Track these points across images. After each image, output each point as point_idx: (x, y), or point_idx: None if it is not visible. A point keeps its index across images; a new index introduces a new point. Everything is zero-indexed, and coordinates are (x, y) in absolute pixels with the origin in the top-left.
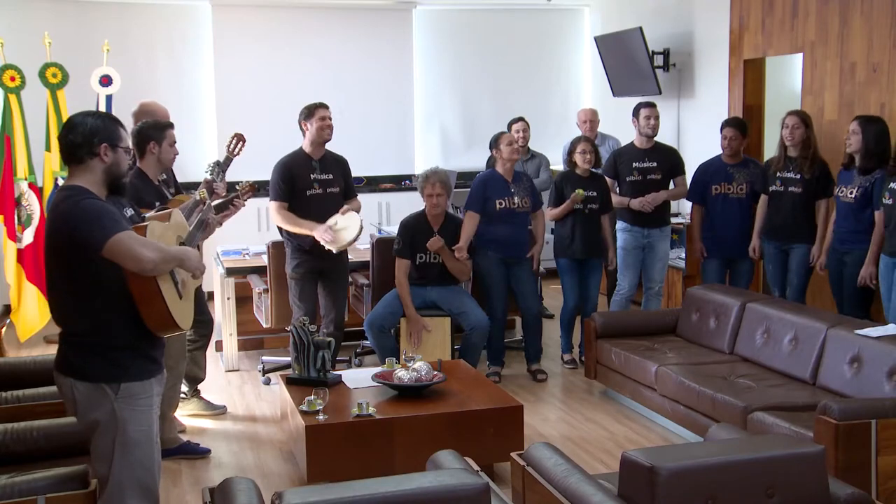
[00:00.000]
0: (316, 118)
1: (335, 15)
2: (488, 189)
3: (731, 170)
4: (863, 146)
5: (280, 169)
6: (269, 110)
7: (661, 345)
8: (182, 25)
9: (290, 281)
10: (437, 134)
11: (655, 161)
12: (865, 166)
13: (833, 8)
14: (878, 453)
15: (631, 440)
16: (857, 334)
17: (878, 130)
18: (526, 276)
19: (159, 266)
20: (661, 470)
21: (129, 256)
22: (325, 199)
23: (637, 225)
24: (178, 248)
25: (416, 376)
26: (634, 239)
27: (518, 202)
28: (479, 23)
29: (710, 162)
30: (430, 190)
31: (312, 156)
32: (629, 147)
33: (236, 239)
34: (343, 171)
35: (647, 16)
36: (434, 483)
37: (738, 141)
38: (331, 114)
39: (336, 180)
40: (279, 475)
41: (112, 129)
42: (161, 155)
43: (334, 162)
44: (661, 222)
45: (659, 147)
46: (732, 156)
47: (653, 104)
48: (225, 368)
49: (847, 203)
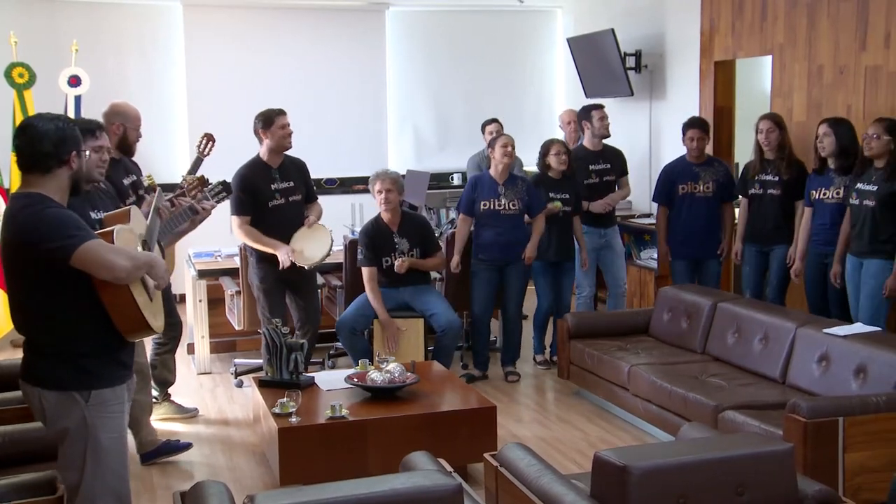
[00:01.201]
0: (276, 126)
1: (308, 16)
2: (477, 190)
3: (696, 169)
4: (837, 147)
5: (239, 181)
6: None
7: (633, 345)
8: (153, 25)
9: (258, 294)
10: (410, 135)
11: (609, 163)
12: (842, 166)
13: (801, 11)
14: (846, 450)
15: (604, 440)
16: (825, 333)
17: (848, 130)
18: (514, 280)
19: (132, 273)
20: (633, 469)
21: (101, 265)
22: (289, 209)
23: (594, 226)
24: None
25: (390, 378)
26: (592, 240)
27: (504, 204)
28: (452, 24)
29: (674, 163)
30: (380, 186)
31: (271, 164)
32: (581, 150)
33: (208, 241)
34: (303, 175)
35: (619, 18)
36: (407, 484)
37: (703, 141)
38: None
39: (297, 187)
40: (251, 478)
41: (76, 134)
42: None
43: (293, 167)
44: (612, 221)
45: (609, 149)
46: (698, 156)
47: (601, 105)
48: (197, 371)
49: (831, 205)
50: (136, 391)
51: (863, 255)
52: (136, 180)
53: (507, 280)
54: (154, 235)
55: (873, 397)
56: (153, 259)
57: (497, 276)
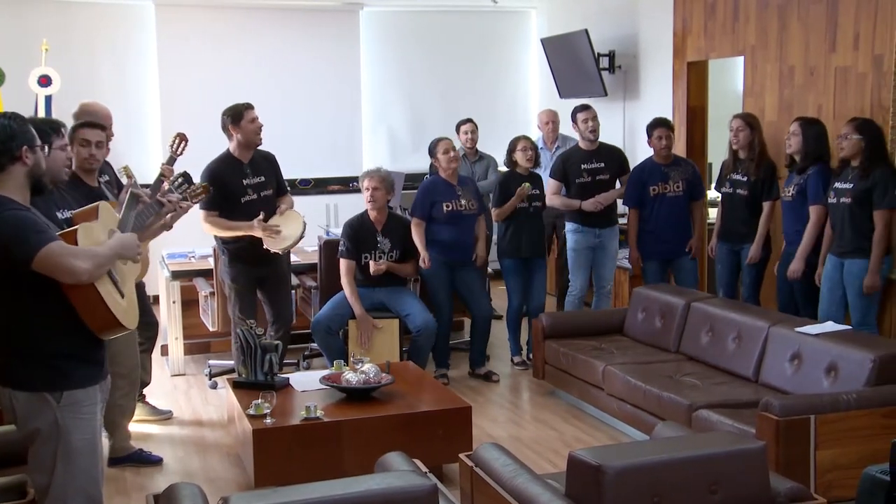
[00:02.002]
0: (246, 120)
1: (282, 16)
2: (434, 194)
3: (665, 169)
4: (802, 147)
5: (209, 176)
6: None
7: (608, 344)
8: (125, 25)
9: (230, 292)
10: (384, 136)
11: (603, 162)
12: (802, 166)
13: (772, 13)
14: (817, 448)
15: (579, 439)
16: (797, 332)
17: (817, 132)
18: (474, 279)
19: (94, 274)
20: (607, 469)
21: (61, 269)
22: (261, 204)
23: (588, 225)
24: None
25: (365, 378)
26: (586, 239)
27: (465, 204)
28: (426, 25)
29: (643, 164)
30: (368, 183)
31: (242, 159)
32: (575, 149)
33: (182, 242)
34: (273, 168)
35: (592, 18)
36: (382, 485)
37: (671, 139)
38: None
39: (268, 181)
40: (226, 480)
41: (27, 129)
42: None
43: (264, 161)
44: (610, 222)
45: (604, 148)
46: (666, 155)
47: (588, 106)
48: (171, 373)
49: (787, 202)
50: (122, 395)
51: (844, 255)
52: (111, 179)
53: (465, 280)
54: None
55: (844, 395)
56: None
57: (450, 276)
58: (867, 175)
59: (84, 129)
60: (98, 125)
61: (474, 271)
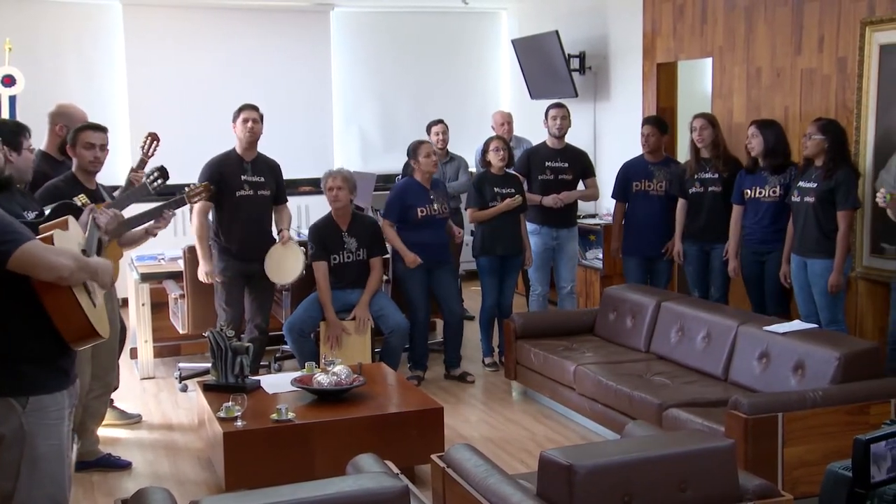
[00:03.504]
0: (240, 120)
1: (251, 16)
2: (408, 198)
3: (651, 167)
4: (764, 147)
5: (209, 169)
6: (184, 112)
7: (579, 344)
8: (91, 24)
9: (217, 284)
10: (355, 137)
11: (567, 162)
12: (773, 164)
13: (739, 15)
14: (785, 445)
15: (550, 439)
16: (765, 331)
17: (776, 132)
18: (448, 280)
19: (76, 274)
20: (578, 468)
21: (43, 266)
22: (255, 202)
23: (546, 225)
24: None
25: (336, 380)
26: (543, 240)
27: (438, 208)
28: (397, 25)
29: (633, 160)
30: (331, 183)
31: (244, 157)
32: (542, 146)
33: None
34: (275, 175)
35: (562, 19)
36: (353, 487)
37: (655, 137)
38: (257, 115)
39: (267, 183)
40: (196, 484)
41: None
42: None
43: (266, 165)
44: (569, 223)
45: (570, 149)
46: (652, 153)
47: (561, 105)
48: (140, 376)
49: (767, 203)
50: (94, 398)
51: (807, 255)
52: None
53: (439, 282)
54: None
55: (810, 393)
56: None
57: (427, 276)
58: (830, 175)
59: (88, 131)
60: (101, 128)
61: (450, 273)
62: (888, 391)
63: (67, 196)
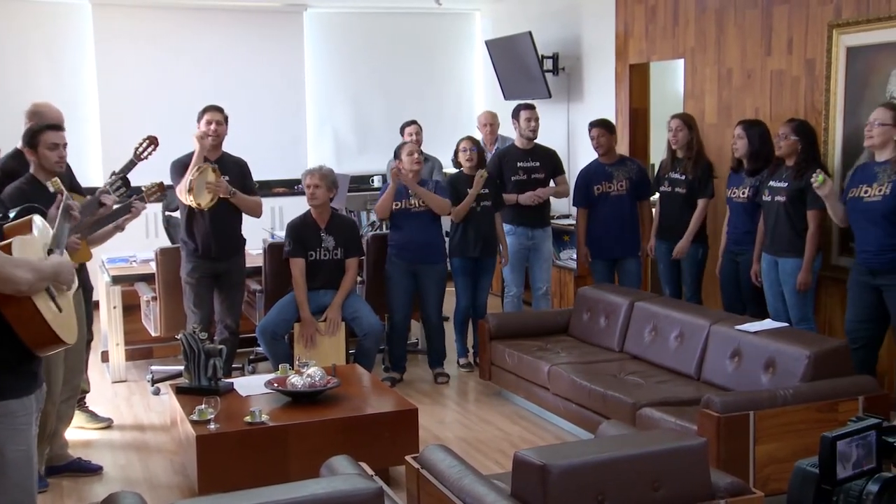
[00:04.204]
0: (204, 121)
1: (223, 17)
2: None
3: (609, 168)
4: (749, 149)
5: (174, 169)
6: (155, 113)
7: (553, 345)
8: (60, 24)
9: (185, 286)
10: (329, 137)
11: (538, 161)
12: (753, 168)
13: (710, 17)
14: (756, 443)
15: (525, 440)
16: (736, 330)
17: (761, 133)
18: (432, 283)
19: (35, 286)
20: (552, 468)
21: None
22: (221, 201)
23: (522, 226)
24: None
25: (310, 382)
26: (519, 241)
27: (415, 202)
28: (370, 26)
29: (589, 165)
30: (309, 180)
31: (209, 157)
32: (511, 148)
33: (123, 246)
34: (241, 172)
35: (536, 20)
36: (327, 489)
37: (605, 138)
38: (221, 117)
39: (233, 182)
40: (169, 488)
41: None
42: None
43: (232, 164)
44: (543, 223)
45: (540, 148)
46: (605, 154)
47: (532, 106)
48: (112, 379)
49: (740, 204)
50: (62, 400)
51: (778, 254)
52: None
53: (423, 282)
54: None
55: (781, 391)
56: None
57: (412, 278)
58: (801, 175)
59: (50, 132)
60: (61, 126)
61: (432, 273)
62: (856, 388)
63: (33, 198)
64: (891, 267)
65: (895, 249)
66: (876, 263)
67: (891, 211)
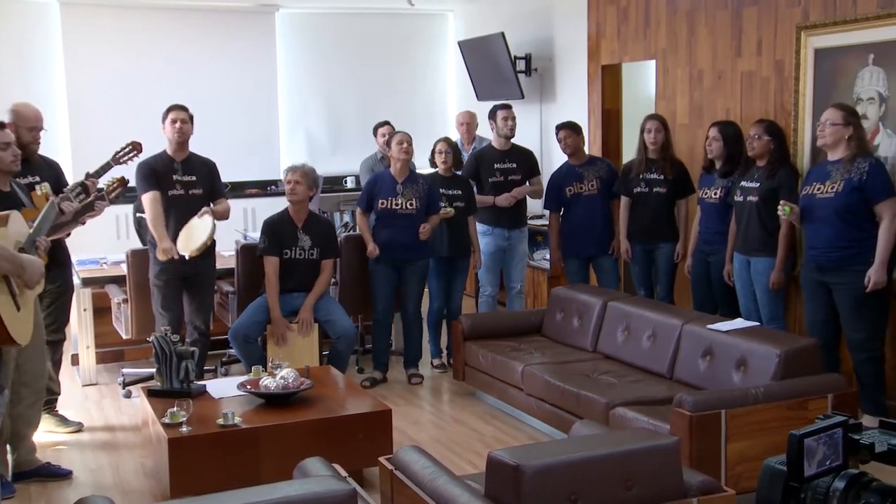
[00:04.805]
0: (168, 120)
1: (194, 17)
2: (376, 188)
3: (579, 170)
4: (724, 151)
5: (143, 167)
6: (125, 114)
7: (527, 345)
8: (27, 23)
9: (154, 288)
10: (302, 138)
11: (515, 162)
12: (725, 169)
13: (681, 18)
14: (728, 441)
15: (499, 440)
16: (708, 329)
17: (734, 134)
18: (411, 280)
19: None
20: (525, 468)
21: None
22: (188, 201)
23: (498, 227)
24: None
25: (284, 384)
26: (495, 241)
27: (401, 203)
28: (343, 27)
29: (560, 168)
30: (290, 176)
31: (174, 157)
32: (489, 149)
33: (93, 248)
34: (209, 173)
35: (508, 21)
36: (300, 491)
37: (572, 139)
38: (185, 116)
39: (200, 182)
40: (140, 492)
41: None
42: None
43: (199, 164)
44: (519, 223)
45: (517, 149)
46: (574, 155)
47: (509, 106)
48: (82, 383)
49: (711, 204)
50: (27, 406)
51: (750, 254)
52: (31, 182)
53: (405, 280)
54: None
55: (752, 389)
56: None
57: (395, 276)
58: (773, 175)
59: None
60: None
61: (414, 271)
62: (825, 386)
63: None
64: (839, 264)
65: (843, 247)
66: (824, 260)
67: (842, 208)
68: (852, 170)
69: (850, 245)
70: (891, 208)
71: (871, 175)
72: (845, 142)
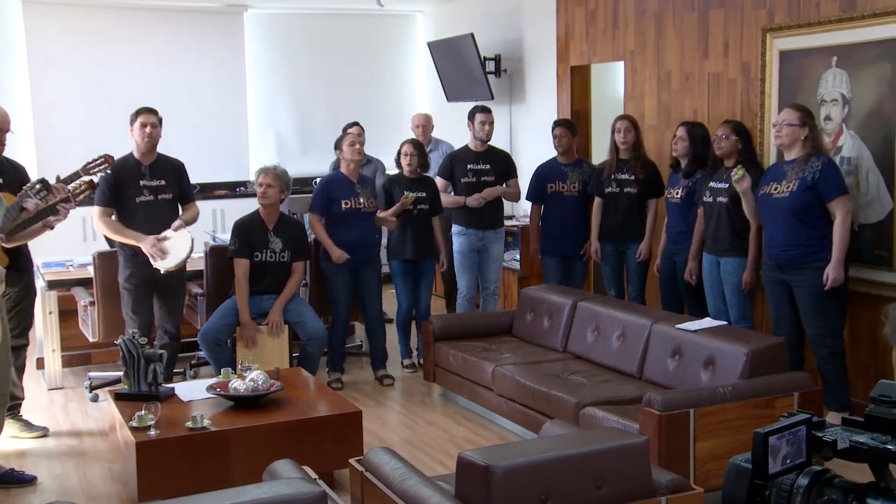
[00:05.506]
0: (137, 124)
1: (161, 17)
2: (333, 190)
3: (565, 169)
4: (690, 151)
5: (107, 178)
6: (91, 115)
7: (497, 345)
8: None
9: (124, 292)
10: (272, 139)
11: (489, 164)
12: (688, 169)
13: (649, 20)
14: (696, 440)
15: (469, 440)
16: (677, 328)
17: (702, 135)
18: (372, 280)
19: None
20: (495, 469)
21: None
22: (157, 207)
23: (472, 227)
24: None
25: (253, 386)
26: (470, 242)
27: (364, 202)
28: (312, 28)
29: (546, 162)
30: (262, 179)
31: (142, 161)
32: (464, 150)
33: (59, 250)
34: (178, 175)
35: (478, 23)
36: (269, 494)
37: (567, 138)
38: (155, 119)
39: (169, 186)
40: (107, 497)
41: None
42: None
43: (168, 167)
44: (495, 224)
45: (492, 150)
46: (564, 154)
47: (488, 109)
48: (48, 387)
49: (674, 204)
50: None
51: (720, 254)
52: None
53: (363, 281)
54: None
55: (720, 388)
56: None
57: (352, 276)
58: None
59: None
60: None
61: (375, 272)
62: (792, 385)
63: None
64: (797, 263)
65: (800, 246)
66: (783, 258)
67: (797, 207)
68: (806, 169)
69: (806, 243)
70: (843, 206)
71: (824, 174)
72: (801, 142)
